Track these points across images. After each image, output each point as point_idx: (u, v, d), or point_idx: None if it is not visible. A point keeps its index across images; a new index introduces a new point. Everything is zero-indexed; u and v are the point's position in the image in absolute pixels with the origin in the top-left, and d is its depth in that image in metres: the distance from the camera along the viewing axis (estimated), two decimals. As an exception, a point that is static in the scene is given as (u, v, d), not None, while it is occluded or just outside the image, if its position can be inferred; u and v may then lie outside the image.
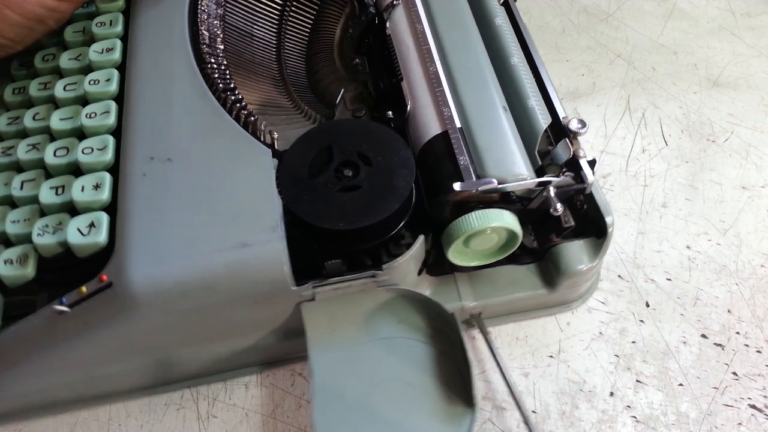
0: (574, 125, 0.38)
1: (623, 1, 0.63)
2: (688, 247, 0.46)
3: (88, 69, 0.43)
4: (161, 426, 0.39)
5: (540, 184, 0.37)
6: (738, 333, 0.42)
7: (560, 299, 0.42)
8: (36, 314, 0.36)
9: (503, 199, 0.37)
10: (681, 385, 0.40)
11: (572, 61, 0.58)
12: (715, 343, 0.42)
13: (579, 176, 0.38)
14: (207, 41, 0.44)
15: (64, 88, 0.42)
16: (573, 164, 0.38)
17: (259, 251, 0.35)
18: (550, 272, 0.40)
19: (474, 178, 0.37)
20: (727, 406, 0.39)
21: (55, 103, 0.42)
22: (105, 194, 0.37)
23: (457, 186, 0.36)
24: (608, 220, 0.38)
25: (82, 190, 0.37)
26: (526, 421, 0.38)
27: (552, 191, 0.37)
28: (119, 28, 0.44)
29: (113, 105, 0.40)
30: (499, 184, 0.36)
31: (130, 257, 0.35)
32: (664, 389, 0.40)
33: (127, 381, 0.40)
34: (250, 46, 0.49)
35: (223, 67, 0.44)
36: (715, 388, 0.40)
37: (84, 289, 0.35)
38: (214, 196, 0.37)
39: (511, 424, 0.39)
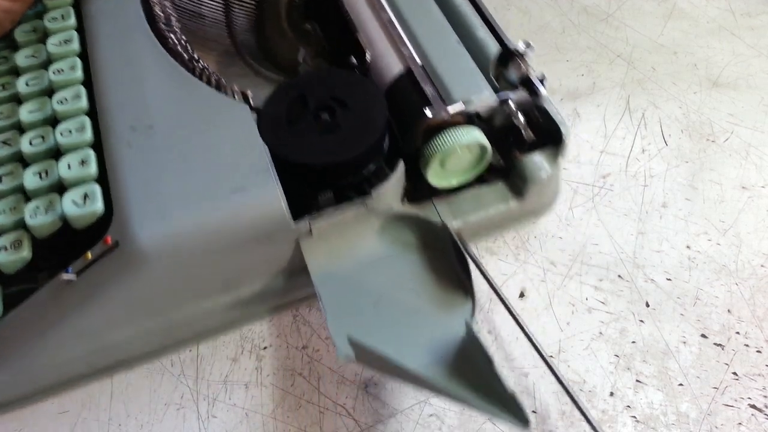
0: (521, 47, 0.42)
1: (623, 1, 0.63)
2: (688, 247, 0.46)
3: (47, 63, 0.43)
4: (161, 426, 0.40)
5: (501, 101, 0.41)
6: (738, 333, 0.42)
7: (530, 209, 0.46)
8: (42, 289, 0.37)
9: (469, 121, 0.41)
10: (681, 385, 0.40)
11: (572, 61, 0.58)
12: (715, 343, 0.42)
13: (533, 91, 0.42)
14: (163, 20, 0.46)
15: (27, 84, 0.42)
16: (526, 81, 0.42)
17: (256, 193, 0.37)
18: (518, 185, 0.44)
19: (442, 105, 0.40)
20: (727, 406, 0.39)
21: (18, 101, 0.42)
22: (92, 168, 0.38)
23: (427, 111, 0.39)
24: (563, 128, 0.42)
25: (69, 167, 0.38)
26: (512, 314, 0.40)
27: (512, 105, 0.41)
28: (72, 20, 0.45)
29: (82, 89, 0.41)
30: (464, 105, 0.40)
31: (133, 215, 0.35)
32: (664, 389, 0.40)
33: (140, 345, 0.41)
34: (202, 25, 0.52)
35: (183, 41, 0.46)
36: (715, 388, 0.40)
37: (89, 254, 0.35)
38: (202, 151, 0.38)
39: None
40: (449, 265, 0.41)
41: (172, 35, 0.46)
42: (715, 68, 0.57)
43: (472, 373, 0.36)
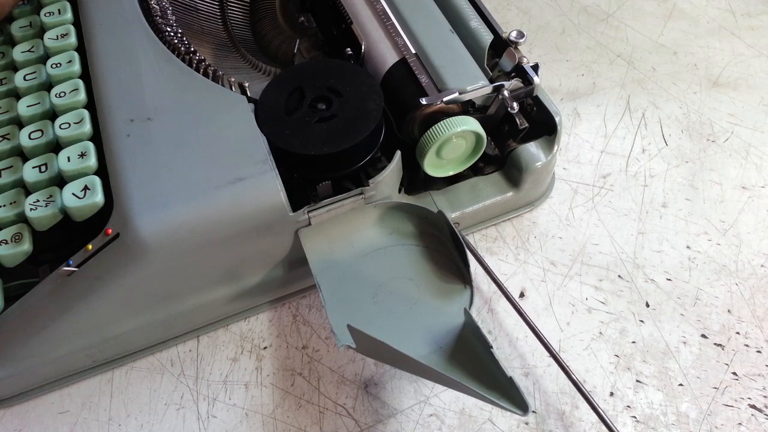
0: (514, 36, 0.43)
1: (623, 1, 0.63)
2: (688, 247, 0.46)
3: (44, 57, 0.44)
4: (161, 426, 0.40)
5: (495, 89, 0.41)
6: (738, 333, 0.42)
7: (526, 199, 0.47)
8: (43, 282, 0.37)
9: (464, 110, 0.41)
10: (681, 385, 0.40)
11: (572, 61, 0.58)
12: (715, 343, 0.42)
13: (526, 79, 0.42)
14: (159, 14, 0.46)
15: (24, 78, 0.43)
16: (519, 70, 0.43)
17: (255, 182, 0.37)
18: (514, 175, 0.45)
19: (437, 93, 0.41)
20: (727, 406, 0.39)
21: (16, 96, 0.43)
22: (92, 160, 0.38)
23: (423, 100, 0.40)
24: (556, 117, 0.43)
25: (68, 160, 0.38)
26: (515, 305, 0.40)
27: (506, 93, 0.41)
28: (69, 14, 0.46)
29: (80, 83, 0.41)
30: (459, 94, 0.40)
31: (133, 206, 0.36)
32: (664, 389, 0.40)
33: (141, 337, 0.41)
34: (197, 18, 0.52)
35: (179, 34, 0.46)
36: (715, 388, 0.40)
37: (90, 246, 0.36)
38: (201, 142, 0.38)
39: (511, 423, 0.39)
40: (447, 254, 0.41)
41: (168, 28, 0.46)
42: (715, 68, 0.57)
43: (471, 360, 0.36)
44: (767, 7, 0.62)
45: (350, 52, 0.45)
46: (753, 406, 0.39)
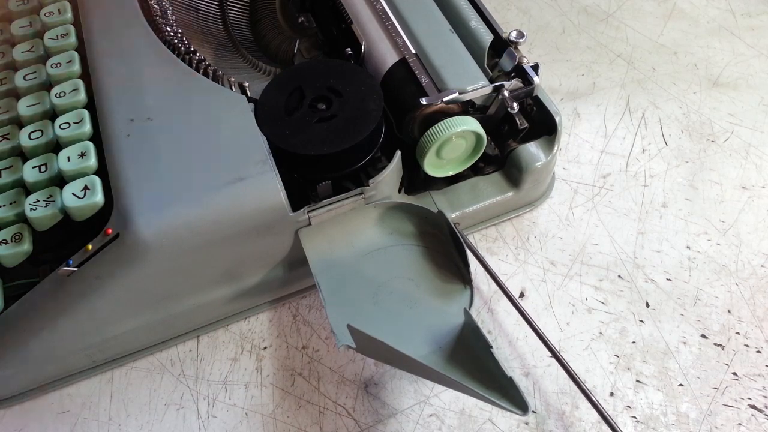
0: (514, 36, 0.43)
1: (623, 1, 0.63)
2: (688, 247, 0.46)
3: (44, 57, 0.44)
4: (161, 426, 0.40)
5: (495, 89, 0.41)
6: (738, 333, 0.42)
7: (526, 199, 0.47)
8: (43, 282, 0.37)
9: (464, 110, 0.41)
10: (681, 385, 0.40)
11: (572, 61, 0.58)
12: (715, 343, 0.42)
13: (526, 79, 0.42)
14: (159, 14, 0.46)
15: (24, 78, 0.43)
16: (519, 70, 0.43)
17: (255, 182, 0.37)
18: (514, 175, 0.45)
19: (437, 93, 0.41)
20: (727, 406, 0.39)
21: (16, 96, 0.43)
22: (92, 160, 0.38)
23: (423, 100, 0.40)
24: (557, 117, 0.43)
25: (68, 160, 0.38)
26: (515, 304, 0.40)
27: (506, 93, 0.41)
28: (69, 14, 0.46)
29: (80, 82, 0.41)
30: (459, 94, 0.40)
31: (133, 206, 0.36)
32: (664, 389, 0.40)
33: (141, 337, 0.41)
34: (197, 18, 0.52)
35: (179, 34, 0.46)
36: (715, 388, 0.40)
37: (90, 246, 0.36)
38: (201, 142, 0.38)
39: (511, 423, 0.39)
40: (447, 254, 0.41)
41: (168, 28, 0.46)
42: (715, 68, 0.57)
43: (471, 360, 0.36)
44: (767, 7, 0.62)
45: (350, 52, 0.45)
46: (753, 406, 0.39)
